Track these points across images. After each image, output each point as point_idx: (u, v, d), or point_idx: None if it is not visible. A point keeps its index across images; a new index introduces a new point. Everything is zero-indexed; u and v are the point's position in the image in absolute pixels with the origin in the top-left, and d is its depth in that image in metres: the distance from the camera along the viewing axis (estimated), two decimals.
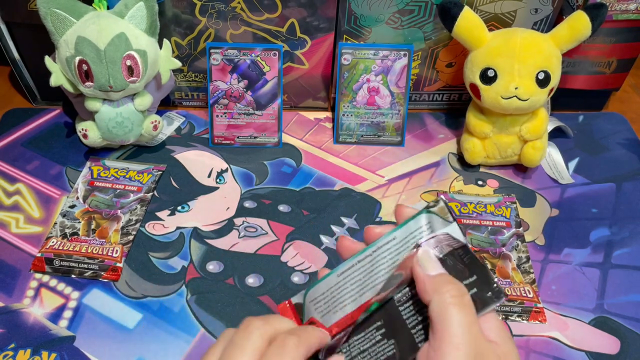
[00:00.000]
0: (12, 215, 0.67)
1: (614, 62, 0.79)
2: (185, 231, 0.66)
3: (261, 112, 0.76)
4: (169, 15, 0.73)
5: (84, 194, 0.69)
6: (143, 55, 0.66)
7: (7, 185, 0.71)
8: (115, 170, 0.72)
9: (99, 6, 0.66)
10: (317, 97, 0.82)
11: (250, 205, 0.70)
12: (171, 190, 0.71)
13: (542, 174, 0.75)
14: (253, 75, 0.74)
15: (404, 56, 0.73)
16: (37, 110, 0.82)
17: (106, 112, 0.68)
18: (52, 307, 0.59)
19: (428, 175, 0.75)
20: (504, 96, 0.67)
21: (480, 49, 0.69)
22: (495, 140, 0.72)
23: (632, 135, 0.82)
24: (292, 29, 0.74)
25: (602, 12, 0.66)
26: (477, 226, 0.67)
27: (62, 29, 0.64)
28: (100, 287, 0.61)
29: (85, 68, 0.64)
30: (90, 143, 0.71)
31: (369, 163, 0.76)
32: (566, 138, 0.81)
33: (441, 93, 0.83)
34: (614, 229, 0.68)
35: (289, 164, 0.75)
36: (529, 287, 0.61)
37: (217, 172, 0.74)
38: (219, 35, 0.75)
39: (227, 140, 0.77)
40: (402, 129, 0.78)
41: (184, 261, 0.63)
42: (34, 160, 0.74)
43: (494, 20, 0.74)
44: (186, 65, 0.78)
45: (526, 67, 0.66)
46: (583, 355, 0.57)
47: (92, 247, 0.63)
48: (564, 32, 0.68)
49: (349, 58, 0.74)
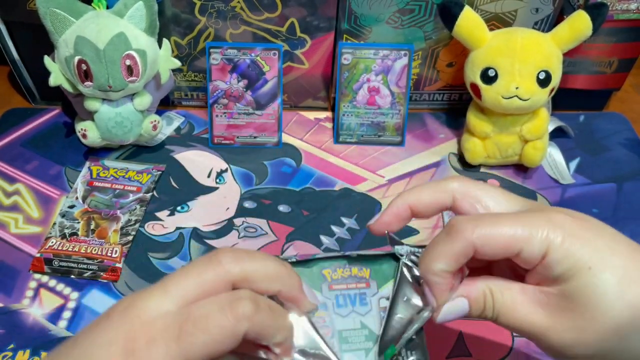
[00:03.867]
0: (11, 215, 0.67)
1: (614, 62, 0.78)
2: (185, 231, 0.66)
3: (261, 112, 0.76)
4: (169, 14, 0.73)
5: (83, 194, 0.69)
6: (142, 55, 0.65)
7: (6, 186, 0.71)
8: (114, 170, 0.72)
9: (98, 6, 0.66)
10: (317, 97, 0.82)
11: (250, 206, 0.69)
12: (171, 191, 0.71)
13: (543, 174, 0.75)
14: (253, 75, 0.74)
15: (405, 56, 0.73)
16: (36, 110, 0.81)
17: (105, 112, 0.68)
18: (52, 307, 0.59)
19: (428, 175, 0.75)
20: (505, 96, 0.67)
21: (480, 48, 0.69)
22: (496, 140, 0.72)
23: (633, 135, 0.82)
24: (292, 28, 0.74)
25: (603, 12, 0.66)
26: None
27: (62, 29, 0.64)
28: (99, 287, 0.61)
29: (84, 68, 0.64)
30: (90, 143, 0.71)
31: (369, 163, 0.76)
32: (567, 138, 0.80)
33: (442, 93, 0.83)
34: (615, 229, 0.68)
35: (289, 164, 0.75)
36: None
37: (217, 172, 0.73)
38: (218, 35, 0.75)
39: (226, 140, 0.77)
40: (403, 129, 0.77)
41: (184, 262, 0.63)
42: (33, 160, 0.74)
43: (494, 19, 0.73)
44: (186, 65, 0.78)
45: (527, 67, 0.66)
46: None
47: (91, 248, 0.63)
48: (564, 31, 0.67)
49: (349, 58, 0.73)
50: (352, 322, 0.34)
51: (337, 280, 0.35)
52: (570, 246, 0.31)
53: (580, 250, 0.32)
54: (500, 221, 0.33)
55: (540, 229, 0.32)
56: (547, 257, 0.32)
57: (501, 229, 0.32)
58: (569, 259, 0.31)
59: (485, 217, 0.34)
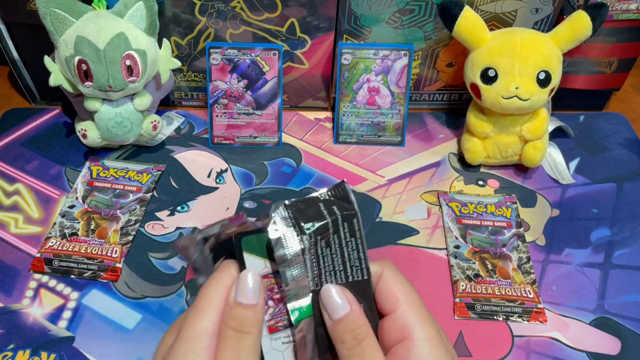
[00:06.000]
0: (11, 215, 0.67)
1: (614, 62, 0.78)
2: (185, 231, 0.66)
3: (261, 112, 0.76)
4: (169, 14, 0.73)
5: (83, 194, 0.69)
6: (142, 55, 0.65)
7: (7, 186, 0.71)
8: (114, 170, 0.72)
9: (99, 6, 0.66)
10: (317, 97, 0.82)
11: (250, 206, 0.69)
12: (171, 191, 0.71)
13: (543, 174, 0.75)
14: (253, 75, 0.74)
15: (404, 56, 0.73)
16: (37, 110, 0.81)
17: (105, 112, 0.68)
18: (52, 307, 0.59)
19: (428, 175, 0.75)
20: (505, 96, 0.67)
21: (480, 48, 0.69)
22: (496, 140, 0.72)
23: (633, 135, 0.82)
24: (292, 28, 0.74)
25: (603, 12, 0.66)
26: (477, 226, 0.67)
27: (62, 29, 0.64)
28: (99, 287, 0.61)
29: (84, 68, 0.64)
30: (90, 143, 0.71)
31: (369, 163, 0.76)
32: (567, 138, 0.80)
33: (441, 93, 0.83)
34: (615, 229, 0.68)
35: (289, 164, 0.75)
36: (529, 287, 0.61)
37: (217, 172, 0.73)
38: (218, 35, 0.75)
39: (226, 140, 0.77)
40: (403, 129, 0.77)
41: (184, 261, 0.63)
42: (33, 160, 0.74)
43: (494, 19, 0.73)
44: (186, 65, 0.78)
45: (527, 67, 0.66)
46: (584, 355, 0.57)
47: (91, 248, 0.63)
48: (564, 31, 0.67)
49: (349, 58, 0.73)
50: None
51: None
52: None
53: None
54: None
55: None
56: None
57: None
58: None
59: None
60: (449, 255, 0.64)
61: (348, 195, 0.36)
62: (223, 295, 0.34)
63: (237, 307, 0.34)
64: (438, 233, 0.67)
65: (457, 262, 0.63)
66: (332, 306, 0.35)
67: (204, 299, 0.35)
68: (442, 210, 0.69)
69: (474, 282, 0.61)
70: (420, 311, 0.36)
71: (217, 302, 0.34)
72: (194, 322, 0.34)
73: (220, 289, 0.34)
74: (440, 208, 0.70)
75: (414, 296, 0.36)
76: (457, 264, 0.63)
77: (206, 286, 0.35)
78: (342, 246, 0.36)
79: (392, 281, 0.37)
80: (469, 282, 0.61)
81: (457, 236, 0.66)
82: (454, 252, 0.64)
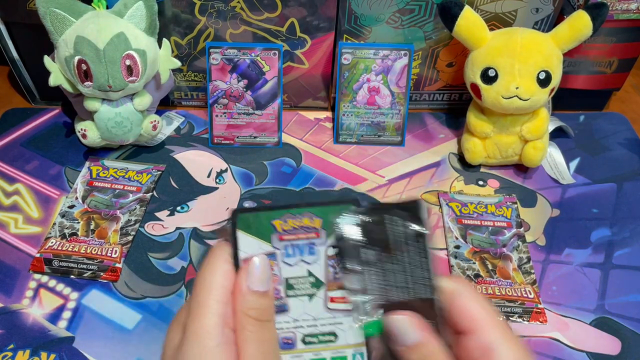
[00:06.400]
0: (11, 215, 0.67)
1: (614, 62, 0.78)
2: (185, 231, 0.66)
3: (261, 112, 0.76)
4: (169, 14, 0.73)
5: (83, 194, 0.69)
6: (142, 55, 0.65)
7: (6, 186, 0.71)
8: (114, 170, 0.72)
9: (98, 6, 0.66)
10: (317, 97, 0.82)
11: (250, 206, 0.69)
12: (170, 191, 0.71)
13: (543, 174, 0.75)
14: (253, 74, 0.74)
15: (405, 56, 0.73)
16: (36, 110, 0.81)
17: (105, 112, 0.68)
18: (51, 307, 0.59)
19: (428, 175, 0.75)
20: (505, 96, 0.67)
21: (480, 48, 0.69)
22: (496, 140, 0.72)
23: (633, 135, 0.82)
24: (292, 28, 0.74)
25: (603, 12, 0.66)
26: (477, 226, 0.67)
27: (61, 29, 0.64)
28: (99, 287, 0.61)
29: (84, 68, 0.64)
30: (90, 143, 0.71)
31: (369, 163, 0.76)
32: (567, 138, 0.80)
33: (442, 93, 0.83)
34: (615, 229, 0.68)
35: (289, 164, 0.75)
36: (529, 287, 0.61)
37: (217, 172, 0.73)
38: (218, 35, 0.75)
39: (226, 140, 0.77)
40: (403, 129, 0.77)
41: (184, 262, 0.63)
42: (33, 160, 0.74)
43: (494, 19, 0.73)
44: (185, 65, 0.78)
45: (527, 67, 0.66)
46: (584, 355, 0.57)
47: (91, 248, 0.63)
48: (564, 31, 0.67)
49: (349, 58, 0.73)
50: (299, 270, 0.35)
51: (288, 231, 0.35)
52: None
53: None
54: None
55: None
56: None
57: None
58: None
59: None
60: (449, 256, 0.64)
61: (420, 212, 0.35)
62: (222, 283, 0.33)
63: (254, 296, 0.32)
64: (438, 233, 0.67)
65: (457, 262, 0.63)
66: (403, 330, 0.33)
67: (203, 291, 0.33)
68: (442, 211, 0.69)
69: (474, 283, 0.61)
70: (504, 331, 0.34)
71: (219, 292, 0.33)
72: (199, 318, 0.33)
73: (217, 278, 0.33)
74: (440, 208, 0.70)
75: (497, 315, 0.35)
76: (457, 264, 0.63)
77: (202, 275, 0.34)
78: (410, 264, 0.35)
79: (471, 299, 0.35)
80: (470, 282, 0.61)
81: (458, 236, 0.66)
82: (454, 252, 0.64)
